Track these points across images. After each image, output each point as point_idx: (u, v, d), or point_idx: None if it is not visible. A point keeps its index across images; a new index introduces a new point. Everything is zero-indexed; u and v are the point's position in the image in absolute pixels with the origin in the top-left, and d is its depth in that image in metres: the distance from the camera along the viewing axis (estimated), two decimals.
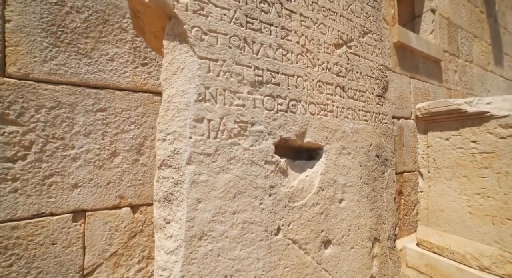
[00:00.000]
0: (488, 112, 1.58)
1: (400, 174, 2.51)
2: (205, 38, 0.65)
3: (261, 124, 0.71)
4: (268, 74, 0.74)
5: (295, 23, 0.82)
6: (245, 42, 0.71)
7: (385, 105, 1.04)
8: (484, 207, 1.55)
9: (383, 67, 1.04)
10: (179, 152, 0.61)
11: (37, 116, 0.98)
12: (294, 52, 0.80)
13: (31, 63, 0.98)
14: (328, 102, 0.85)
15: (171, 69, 0.63)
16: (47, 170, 0.99)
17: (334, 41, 0.90)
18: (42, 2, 1.00)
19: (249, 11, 0.73)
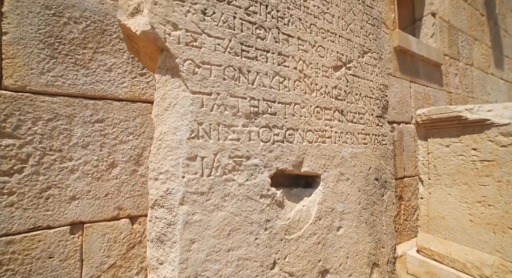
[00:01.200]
0: (488, 120, 1.57)
1: (400, 179, 2.51)
2: (198, 71, 0.63)
3: (256, 158, 0.70)
4: (264, 104, 0.72)
5: (293, 47, 0.80)
6: (240, 72, 0.69)
7: (385, 126, 1.03)
8: (485, 215, 1.54)
9: (383, 87, 1.03)
10: (172, 192, 0.60)
11: (34, 129, 0.97)
12: (291, 79, 0.79)
13: (28, 75, 0.97)
14: (326, 128, 0.84)
15: (163, 105, 0.62)
16: (44, 183, 0.98)
17: (333, 64, 0.89)
18: (39, 14, 0.99)
19: (244, 39, 0.71)
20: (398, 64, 2.57)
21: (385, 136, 1.04)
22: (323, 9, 0.86)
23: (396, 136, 2.45)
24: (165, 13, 0.60)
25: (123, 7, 0.62)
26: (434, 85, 3.02)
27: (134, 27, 0.60)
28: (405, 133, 2.55)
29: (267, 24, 0.75)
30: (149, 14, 0.58)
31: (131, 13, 0.60)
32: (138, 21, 0.59)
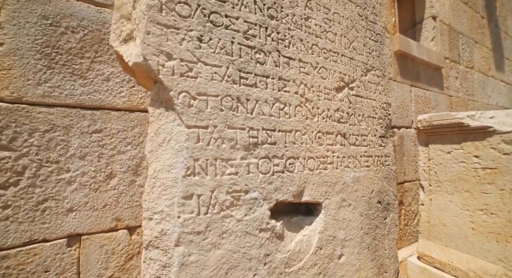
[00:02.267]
0: (491, 127, 1.55)
1: (401, 184, 2.49)
2: (194, 103, 0.61)
3: (255, 191, 0.67)
4: (263, 134, 0.69)
5: (294, 71, 0.78)
6: (239, 101, 0.67)
7: (388, 146, 1.01)
8: (487, 224, 1.52)
9: (386, 105, 1.01)
10: (167, 233, 0.57)
11: (31, 141, 0.96)
12: (292, 105, 0.76)
13: (25, 86, 0.95)
14: (328, 154, 0.81)
15: (157, 140, 0.59)
16: (40, 195, 0.97)
17: (335, 85, 0.86)
18: (36, 24, 0.97)
19: (243, 65, 0.69)
20: (399, 69, 2.56)
21: (388, 156, 1.02)
22: (325, 27, 0.84)
23: (396, 141, 2.44)
24: (159, 42, 0.58)
25: (116, 32, 0.60)
26: (434, 89, 3.01)
27: (126, 56, 0.58)
28: (406, 137, 2.54)
29: (267, 48, 0.73)
30: (141, 44, 0.55)
31: (124, 39, 0.59)
32: (131, 50, 0.57)
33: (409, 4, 3.44)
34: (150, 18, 0.57)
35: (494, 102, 4.28)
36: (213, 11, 0.66)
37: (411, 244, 2.60)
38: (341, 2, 0.87)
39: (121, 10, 0.60)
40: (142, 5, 0.55)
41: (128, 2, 0.58)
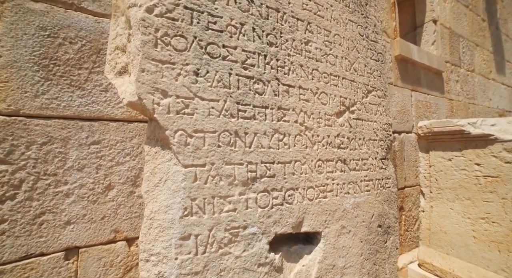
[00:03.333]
0: (492, 135, 1.54)
1: (401, 189, 2.48)
2: (190, 141, 0.59)
3: (254, 226, 0.66)
4: (262, 168, 0.68)
5: (293, 99, 0.76)
6: (237, 136, 0.65)
7: (389, 168, 0.99)
8: (489, 233, 1.51)
9: (387, 126, 0.99)
10: (164, 275, 0.56)
11: (28, 153, 0.95)
12: (291, 134, 0.75)
13: (22, 98, 0.95)
14: (328, 181, 0.80)
15: (153, 180, 0.58)
16: (38, 208, 0.96)
17: (335, 110, 0.85)
18: (34, 35, 0.97)
19: (241, 97, 0.67)
20: (399, 73, 2.54)
21: (389, 178, 1.00)
22: (326, 50, 0.82)
23: (397, 146, 2.43)
24: (154, 80, 0.56)
25: (110, 64, 0.59)
26: (435, 93, 3.00)
27: (121, 92, 0.57)
28: (406, 142, 2.53)
29: (266, 77, 0.71)
30: (136, 83, 0.54)
31: (118, 71, 0.58)
32: (125, 86, 0.56)
33: (409, 7, 3.43)
34: (145, 54, 0.55)
35: (495, 105, 4.26)
36: (210, 42, 0.64)
37: (411, 250, 2.59)
38: (342, 23, 0.85)
39: (116, 41, 0.59)
40: (137, 41, 0.54)
41: (123, 34, 0.57)
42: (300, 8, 0.79)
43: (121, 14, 0.58)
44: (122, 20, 0.58)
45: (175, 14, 0.59)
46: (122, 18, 0.59)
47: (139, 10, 0.54)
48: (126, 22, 0.56)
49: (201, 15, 0.62)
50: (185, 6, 0.60)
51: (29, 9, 0.96)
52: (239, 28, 0.67)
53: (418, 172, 2.07)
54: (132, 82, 0.55)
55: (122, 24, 0.58)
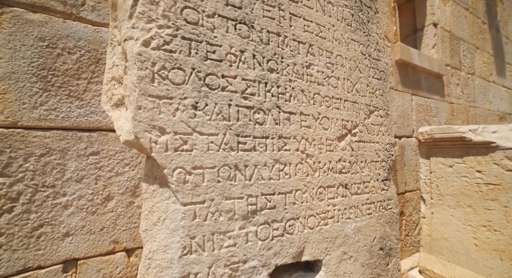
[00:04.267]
0: (494, 143, 1.53)
1: (402, 194, 2.47)
2: (189, 179, 0.57)
3: (254, 259, 0.64)
4: (262, 200, 0.66)
5: (294, 126, 0.74)
6: (237, 169, 0.63)
7: (390, 189, 0.97)
8: (490, 241, 1.50)
9: (390, 146, 0.97)
10: None
11: (26, 166, 0.94)
12: (292, 163, 0.73)
13: (20, 110, 0.94)
14: (329, 208, 0.78)
15: (151, 219, 0.56)
16: (36, 221, 0.95)
17: (337, 134, 0.83)
18: (32, 46, 0.96)
19: (241, 129, 0.65)
20: (400, 78, 2.54)
21: (391, 200, 0.99)
22: (328, 73, 0.81)
23: (397, 151, 2.42)
24: (151, 117, 0.55)
25: (107, 94, 0.58)
26: (435, 97, 2.99)
27: (117, 127, 0.55)
28: (407, 147, 2.52)
29: (267, 105, 0.69)
30: (132, 121, 0.52)
31: (115, 103, 0.56)
32: (122, 122, 0.54)
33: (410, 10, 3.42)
34: (142, 90, 0.53)
35: (496, 108, 4.26)
36: (209, 73, 0.62)
37: (412, 255, 2.58)
38: (344, 43, 0.84)
39: (112, 71, 0.58)
40: (133, 76, 0.52)
41: (120, 65, 0.56)
42: (301, 31, 0.77)
43: (118, 43, 0.57)
44: (119, 50, 0.57)
45: (172, 46, 0.58)
46: (119, 48, 0.58)
47: (136, 44, 0.53)
48: (123, 53, 0.55)
49: (199, 45, 0.60)
50: (183, 37, 0.59)
51: (27, 20, 0.95)
52: (239, 56, 0.66)
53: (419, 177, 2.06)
54: (128, 120, 0.54)
55: (119, 55, 0.57)
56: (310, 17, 0.80)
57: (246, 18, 0.67)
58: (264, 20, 0.70)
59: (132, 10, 0.52)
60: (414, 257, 2.49)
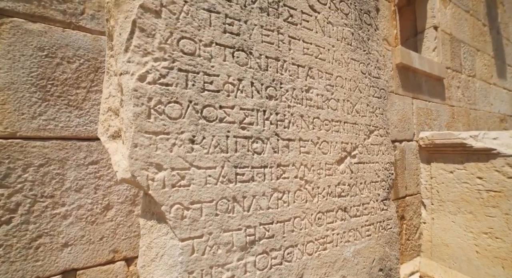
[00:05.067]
0: (494, 150, 1.52)
1: (402, 198, 2.46)
2: (187, 214, 0.56)
3: None
4: (261, 230, 0.65)
5: (293, 153, 0.73)
6: (235, 201, 0.62)
7: (390, 208, 0.95)
8: (492, 248, 1.49)
9: (389, 165, 0.96)
10: None
11: (25, 176, 0.94)
12: (291, 191, 0.72)
13: (19, 120, 0.93)
14: (328, 233, 0.77)
15: (149, 255, 0.55)
16: (34, 232, 0.95)
17: (337, 158, 0.81)
18: (32, 56, 0.95)
19: (239, 160, 0.64)
20: (400, 81, 2.53)
21: (390, 219, 0.98)
22: (327, 95, 0.80)
23: (398, 155, 2.41)
24: (148, 154, 0.54)
25: (104, 125, 0.57)
26: (436, 100, 2.98)
27: (114, 162, 0.54)
28: (407, 151, 2.51)
29: (265, 134, 0.68)
30: (129, 159, 0.52)
31: (112, 135, 0.56)
32: (118, 158, 0.53)
33: (410, 12, 3.42)
34: (138, 127, 0.52)
35: (496, 110, 4.25)
36: (206, 104, 0.61)
37: (412, 259, 2.57)
38: (344, 63, 0.83)
39: (108, 101, 0.57)
40: (129, 112, 0.52)
41: (116, 96, 0.55)
42: (300, 54, 0.76)
43: (114, 74, 0.56)
44: (115, 81, 0.56)
45: (169, 79, 0.56)
46: (115, 79, 0.57)
47: (131, 79, 0.52)
48: (119, 85, 0.54)
49: (196, 76, 0.59)
50: (180, 69, 0.58)
51: (27, 30, 0.95)
52: (236, 85, 0.65)
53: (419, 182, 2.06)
54: (125, 157, 0.53)
55: (115, 85, 0.56)
56: (310, 39, 0.79)
57: (244, 44, 0.66)
58: (263, 46, 0.69)
59: (127, 44, 0.51)
60: (414, 261, 2.48)
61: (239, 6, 0.65)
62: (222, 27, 0.64)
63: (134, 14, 0.53)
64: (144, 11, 0.54)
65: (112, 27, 0.55)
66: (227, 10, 0.64)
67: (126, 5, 0.53)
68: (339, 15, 0.81)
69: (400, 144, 2.43)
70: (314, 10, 0.79)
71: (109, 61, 0.58)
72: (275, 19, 0.70)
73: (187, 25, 0.59)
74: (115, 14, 0.53)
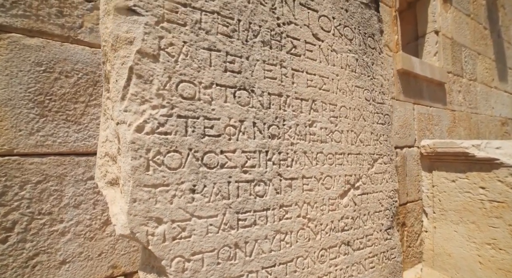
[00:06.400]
0: (497, 160, 1.51)
1: (403, 205, 2.45)
2: (188, 266, 0.54)
3: None
4: (263, 274, 0.63)
5: (296, 192, 0.70)
6: (237, 247, 0.60)
7: (394, 236, 0.93)
8: (495, 259, 1.48)
9: (393, 193, 0.93)
10: None
11: (22, 194, 0.92)
12: (294, 231, 0.69)
13: (16, 137, 0.92)
14: (330, 269, 0.75)
15: None
16: (31, 250, 0.93)
17: (340, 192, 0.79)
18: (29, 72, 0.94)
19: (241, 206, 0.62)
20: (402, 87, 2.52)
21: (394, 248, 0.96)
22: (331, 128, 0.77)
23: (399, 161, 2.39)
24: (147, 209, 0.52)
25: (101, 170, 0.55)
26: (437, 105, 2.97)
27: (111, 213, 0.53)
28: (408, 157, 2.50)
29: (268, 176, 0.66)
30: (127, 215, 0.50)
31: (109, 181, 0.54)
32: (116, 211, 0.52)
33: (411, 16, 3.41)
34: (136, 182, 0.50)
35: (498, 113, 4.23)
36: (207, 151, 0.59)
37: (413, 266, 2.55)
38: (348, 92, 0.81)
39: (106, 146, 0.56)
40: (127, 166, 0.50)
41: (113, 142, 0.54)
42: (304, 86, 0.74)
43: (111, 117, 0.54)
44: (112, 126, 0.55)
45: (167, 127, 0.54)
46: (112, 124, 0.55)
47: (128, 130, 0.50)
48: (116, 132, 0.52)
49: (196, 122, 0.57)
50: (179, 115, 0.56)
51: (24, 45, 0.94)
52: (238, 127, 0.62)
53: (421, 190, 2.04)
54: (123, 212, 0.51)
55: (112, 131, 0.54)
56: (313, 70, 0.77)
57: (246, 82, 0.64)
58: (265, 82, 0.67)
59: (124, 92, 0.50)
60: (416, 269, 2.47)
61: (240, 42, 0.63)
62: (223, 66, 0.61)
63: (131, 60, 0.51)
64: (142, 57, 0.52)
65: (108, 72, 0.54)
66: (228, 47, 0.62)
67: (123, 51, 0.51)
68: (343, 42, 0.79)
69: (401, 150, 2.42)
70: (318, 38, 0.77)
71: (105, 102, 0.56)
72: (278, 52, 0.68)
73: (186, 67, 0.57)
74: (111, 59, 0.51)
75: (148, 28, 0.53)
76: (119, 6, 0.50)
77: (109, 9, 0.51)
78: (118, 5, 0.50)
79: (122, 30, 0.51)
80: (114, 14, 0.50)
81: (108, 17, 0.51)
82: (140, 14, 0.52)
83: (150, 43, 0.53)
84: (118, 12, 0.50)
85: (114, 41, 0.50)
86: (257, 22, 0.63)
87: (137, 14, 0.52)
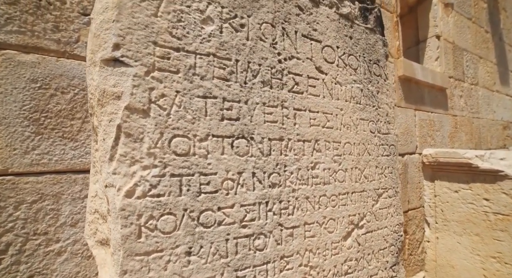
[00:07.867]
0: (502, 171, 1.48)
1: (405, 213, 2.42)
2: None
3: None
4: None
5: (298, 240, 0.67)
6: None
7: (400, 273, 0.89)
8: (501, 273, 1.45)
9: (398, 227, 0.90)
10: None
11: (16, 214, 0.90)
12: None
13: (11, 156, 0.90)
14: None
15: None
16: (25, 272, 0.91)
17: (343, 234, 0.76)
18: (24, 89, 0.92)
19: (240, 263, 0.58)
20: (403, 94, 2.49)
21: None
22: (335, 167, 0.74)
23: (400, 169, 2.37)
24: None
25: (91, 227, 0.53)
26: (439, 111, 2.94)
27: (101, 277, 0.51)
28: (410, 164, 2.47)
29: (268, 228, 0.62)
30: None
31: (99, 241, 0.52)
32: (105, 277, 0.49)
33: (412, 21, 3.38)
34: (127, 251, 0.47)
35: (499, 117, 4.21)
36: (203, 209, 0.56)
37: (415, 274, 2.53)
38: (353, 126, 0.78)
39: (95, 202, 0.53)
40: (117, 234, 0.47)
41: (103, 199, 0.51)
42: (307, 126, 0.70)
43: (99, 172, 0.52)
44: (101, 182, 0.51)
45: (160, 189, 0.50)
46: (101, 179, 0.52)
47: (118, 195, 0.46)
48: (105, 194, 0.49)
49: (191, 179, 0.54)
50: (172, 174, 0.52)
51: (19, 62, 0.92)
52: (236, 180, 0.59)
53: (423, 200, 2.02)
54: None
55: (102, 187, 0.52)
56: (316, 107, 0.73)
57: (245, 130, 0.60)
58: (265, 127, 0.63)
59: (112, 152, 0.47)
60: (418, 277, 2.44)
61: (238, 85, 0.59)
62: (220, 114, 0.58)
63: (119, 117, 0.47)
64: (130, 113, 0.48)
65: (95, 127, 0.50)
66: (225, 92, 0.58)
67: (110, 106, 0.47)
68: (348, 72, 0.76)
69: (402, 158, 2.39)
70: (322, 71, 0.73)
71: (94, 154, 0.54)
72: (279, 91, 0.65)
73: (179, 120, 0.53)
74: (98, 114, 0.48)
75: (137, 80, 0.48)
76: (106, 58, 0.46)
77: (95, 60, 0.48)
78: (104, 56, 0.46)
79: (109, 84, 0.47)
80: (100, 66, 0.46)
81: (95, 69, 0.48)
82: (128, 65, 0.48)
83: (140, 97, 0.49)
84: (105, 64, 0.46)
85: (100, 96, 0.47)
86: (256, 60, 0.59)
87: (125, 65, 0.48)
